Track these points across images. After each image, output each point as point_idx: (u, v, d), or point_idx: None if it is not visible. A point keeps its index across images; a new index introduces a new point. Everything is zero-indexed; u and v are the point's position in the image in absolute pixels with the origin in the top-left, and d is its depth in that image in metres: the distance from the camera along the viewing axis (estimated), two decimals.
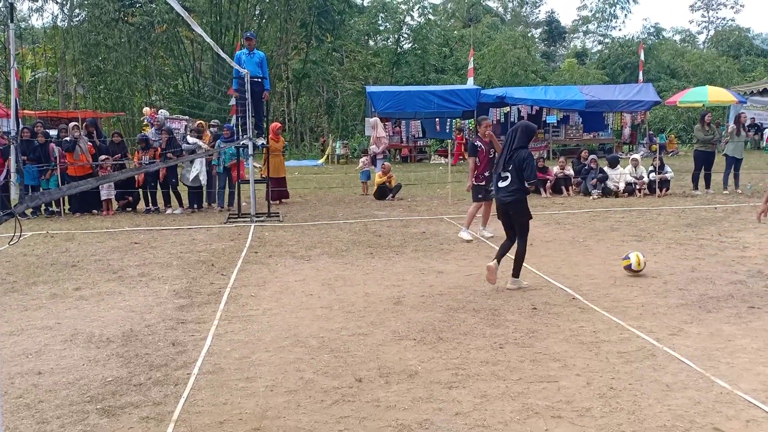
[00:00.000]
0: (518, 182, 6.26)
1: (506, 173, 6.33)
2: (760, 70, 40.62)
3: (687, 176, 14.53)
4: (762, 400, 3.68)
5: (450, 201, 13.01)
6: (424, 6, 38.42)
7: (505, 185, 6.35)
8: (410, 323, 5.29)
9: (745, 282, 6.29)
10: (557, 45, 55.53)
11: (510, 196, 6.34)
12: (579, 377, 4.13)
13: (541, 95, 24.53)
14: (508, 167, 6.29)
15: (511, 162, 6.26)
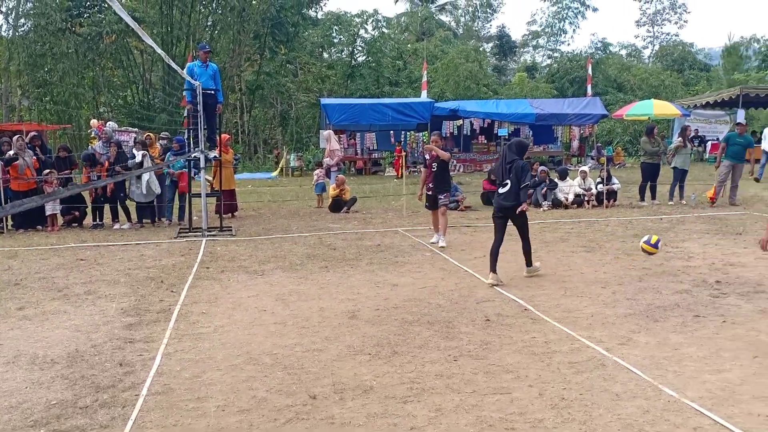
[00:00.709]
0: (518, 188, 7.04)
1: (506, 181, 7.15)
2: (703, 84, 42.15)
3: (634, 188, 14.94)
4: (708, 408, 3.79)
5: (405, 213, 13.06)
6: (378, 19, 38.70)
7: (506, 191, 7.17)
8: (365, 337, 5.27)
9: (691, 291, 6.49)
10: (508, 59, 56.52)
11: (510, 200, 7.11)
12: (531, 388, 4.18)
13: (492, 108, 24.94)
14: (508, 176, 7.12)
15: (511, 171, 7.10)
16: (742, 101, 26.08)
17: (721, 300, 6.14)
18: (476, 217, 12.42)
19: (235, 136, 32.96)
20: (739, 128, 13.99)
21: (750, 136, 14.15)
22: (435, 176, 9.40)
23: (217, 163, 12.23)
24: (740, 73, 41.85)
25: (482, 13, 59.49)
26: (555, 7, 53.27)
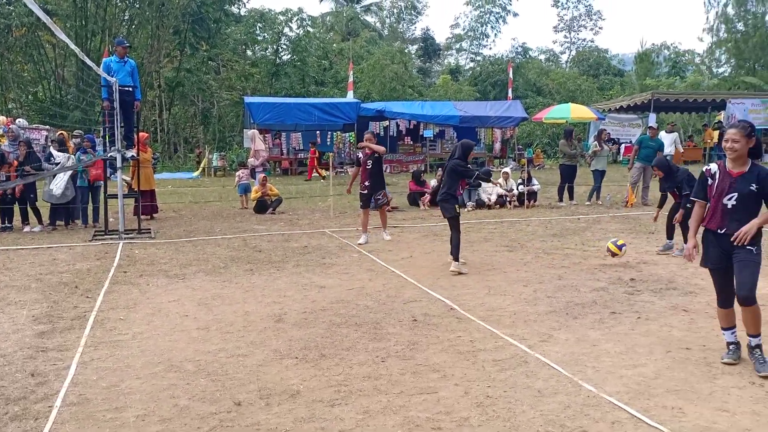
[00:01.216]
0: (447, 187, 7.75)
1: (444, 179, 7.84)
2: (617, 88, 44.07)
3: (553, 189, 15.45)
4: (625, 402, 3.94)
5: (332, 214, 13.00)
6: (303, 18, 38.33)
7: (444, 190, 7.80)
8: (292, 341, 5.19)
9: (607, 289, 6.75)
10: (432, 61, 57.34)
11: (443, 197, 7.75)
12: (457, 387, 4.23)
13: (418, 110, 25.21)
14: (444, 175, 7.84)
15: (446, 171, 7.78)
16: (654, 105, 27.46)
17: (636, 297, 6.41)
18: (403, 218, 12.51)
19: (154, 134, 31.90)
20: (651, 132, 14.67)
21: (660, 140, 14.89)
22: (371, 174, 9.59)
23: (135, 163, 11.80)
24: (651, 79, 44.01)
25: (407, 15, 60.11)
26: (477, 11, 54.53)
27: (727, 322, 4.64)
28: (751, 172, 4.41)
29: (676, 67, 49.46)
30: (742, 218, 4.38)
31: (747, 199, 4.39)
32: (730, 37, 43.67)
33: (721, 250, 4.49)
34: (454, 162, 7.75)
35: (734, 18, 43.41)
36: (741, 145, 4.39)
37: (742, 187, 4.39)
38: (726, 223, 4.44)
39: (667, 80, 43.21)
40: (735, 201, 4.41)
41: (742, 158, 4.45)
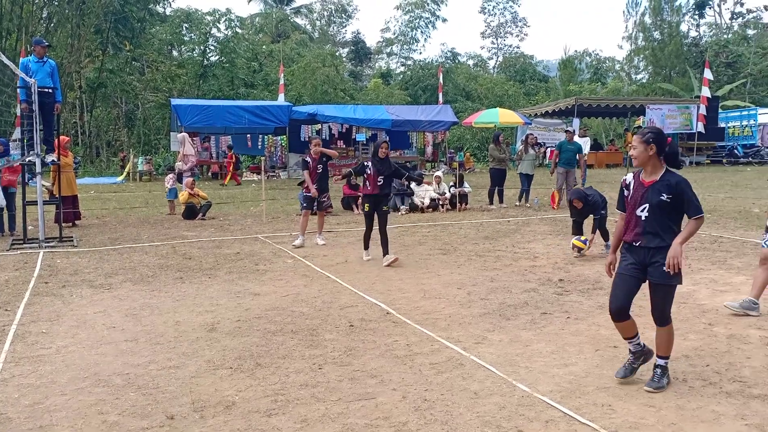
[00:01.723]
0: (388, 186, 8.63)
1: (381, 178, 8.48)
2: (542, 94, 45.46)
3: (483, 192, 15.75)
4: (558, 401, 4.04)
5: (265, 219, 12.81)
6: (231, 19, 37.67)
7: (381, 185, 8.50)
8: (226, 351, 5.08)
9: (538, 290, 6.93)
10: (363, 65, 57.55)
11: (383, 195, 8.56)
12: (395, 392, 4.24)
13: (350, 114, 25.24)
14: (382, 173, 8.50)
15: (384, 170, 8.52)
16: (577, 111, 28.46)
17: (565, 297, 6.61)
18: (337, 223, 12.47)
19: (75, 137, 30.63)
20: (567, 135, 15.13)
21: (578, 143, 15.45)
22: (320, 178, 9.81)
23: (56, 168, 11.29)
24: (575, 85, 45.65)
25: (337, 18, 60.13)
26: (407, 16, 55.08)
27: (628, 332, 4.35)
28: (663, 180, 4.15)
29: (598, 74, 51.54)
30: (657, 230, 4.14)
31: (658, 209, 4.12)
32: (648, 45, 45.89)
33: (635, 262, 4.23)
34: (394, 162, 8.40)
35: (651, 27, 45.65)
36: (638, 152, 4.17)
37: (652, 197, 4.13)
38: (640, 235, 4.19)
39: (590, 86, 44.92)
40: (647, 212, 4.16)
41: (649, 166, 4.20)
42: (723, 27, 49.86)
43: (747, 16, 49.16)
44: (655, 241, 4.14)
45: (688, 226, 4.11)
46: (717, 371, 4.48)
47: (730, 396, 4.06)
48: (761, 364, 4.59)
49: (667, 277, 4.11)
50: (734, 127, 30.92)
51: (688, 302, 6.30)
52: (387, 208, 8.71)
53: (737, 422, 3.69)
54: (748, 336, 5.21)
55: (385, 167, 8.56)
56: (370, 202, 8.59)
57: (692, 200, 4.08)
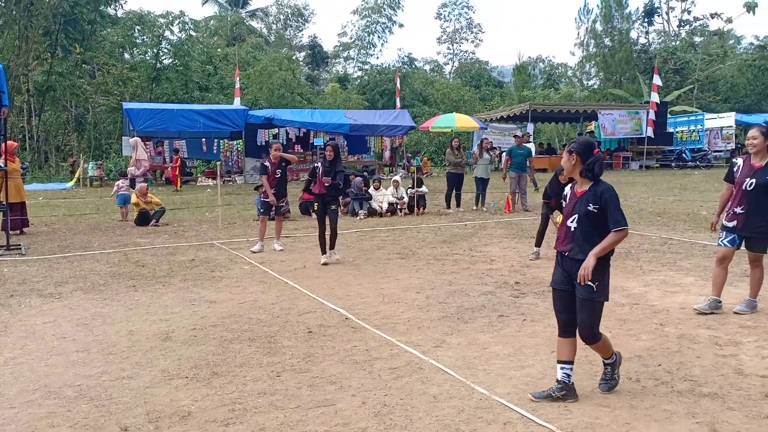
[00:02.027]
0: (335, 187, 8.80)
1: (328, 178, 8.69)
2: (497, 99, 46.09)
3: (441, 196, 15.87)
4: (515, 403, 4.09)
5: (220, 225, 12.63)
6: (185, 21, 37.08)
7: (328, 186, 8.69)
8: (181, 360, 4.98)
9: (495, 293, 7.00)
10: (320, 69, 57.40)
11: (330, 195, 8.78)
12: (354, 398, 4.22)
13: (308, 118, 25.13)
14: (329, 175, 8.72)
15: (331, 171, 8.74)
16: (531, 116, 28.97)
17: (521, 300, 6.70)
18: (295, 228, 12.38)
19: (23, 142, 29.65)
20: (517, 140, 15.36)
21: (528, 147, 15.74)
22: (278, 182, 9.84)
23: (3, 174, 10.90)
24: (529, 90, 46.45)
25: (294, 22, 59.86)
26: (364, 20, 55.18)
27: (562, 354, 4.20)
28: (590, 190, 4.06)
29: (551, 80, 52.57)
30: (583, 242, 4.05)
31: (586, 220, 4.04)
32: (599, 52, 46.97)
33: (564, 272, 4.17)
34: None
35: (602, 34, 46.75)
36: (564, 162, 4.15)
37: (580, 208, 4.07)
38: (569, 246, 4.13)
39: (543, 92, 45.77)
40: (576, 223, 4.09)
41: (576, 176, 4.16)
42: (671, 34, 51.44)
43: (694, 24, 50.84)
44: (581, 254, 4.03)
45: (607, 238, 3.98)
46: (668, 371, 4.59)
47: (682, 395, 4.17)
48: (710, 363, 4.73)
49: (589, 292, 4.00)
50: (682, 131, 31.87)
51: (639, 303, 6.45)
52: (335, 207, 9.03)
53: (688, 420, 3.79)
54: (697, 336, 5.37)
55: (332, 168, 8.78)
56: (319, 201, 8.90)
57: (615, 212, 3.95)
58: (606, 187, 4.03)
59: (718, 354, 4.90)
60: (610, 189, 4.03)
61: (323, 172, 8.78)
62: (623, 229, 3.96)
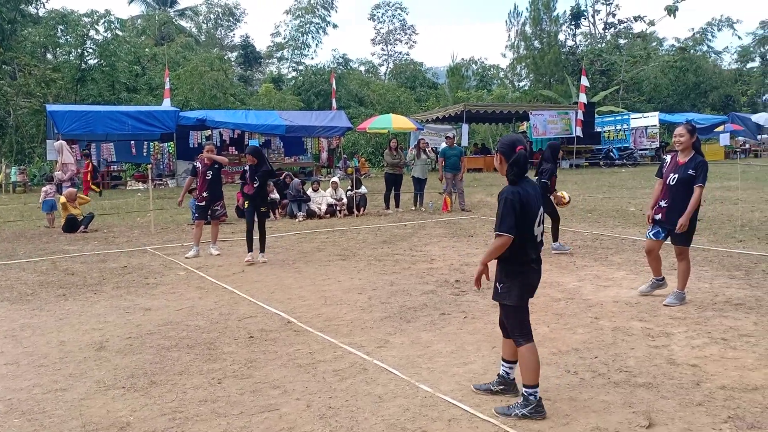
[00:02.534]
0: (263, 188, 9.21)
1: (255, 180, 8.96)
2: (432, 100, 46.59)
3: (379, 197, 15.92)
4: (459, 399, 4.14)
5: (153, 230, 12.27)
6: (111, 20, 35.82)
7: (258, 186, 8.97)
8: (117, 370, 4.81)
9: (436, 291, 7.07)
10: (254, 69, 56.62)
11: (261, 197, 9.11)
12: (299, 401, 4.18)
13: (242, 119, 24.72)
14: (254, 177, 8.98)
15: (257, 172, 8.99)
16: (466, 117, 29.43)
17: (462, 297, 6.79)
18: (232, 231, 12.16)
19: None
20: (447, 141, 15.55)
21: (459, 147, 15.99)
22: (210, 185, 9.67)
23: None
24: (463, 91, 47.16)
25: (225, 21, 58.84)
26: (298, 20, 54.75)
27: (503, 352, 4.26)
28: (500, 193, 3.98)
29: (484, 81, 53.56)
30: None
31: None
32: (529, 54, 48.22)
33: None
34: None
35: (532, 36, 48.00)
36: (496, 162, 4.13)
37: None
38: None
39: (477, 93, 46.59)
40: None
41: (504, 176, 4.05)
42: (597, 37, 53.36)
43: (618, 27, 52.90)
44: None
45: (492, 243, 3.95)
46: (605, 362, 4.75)
47: (618, 386, 4.31)
48: (644, 354, 4.92)
49: (496, 293, 4.03)
50: (609, 131, 33.06)
51: (575, 298, 6.65)
52: (265, 210, 9.41)
53: (625, 410, 3.93)
54: (631, 328, 5.57)
55: (258, 170, 9.02)
56: (250, 200, 9.07)
57: (499, 215, 3.88)
58: (504, 191, 3.91)
59: (651, 345, 5.10)
60: (504, 192, 3.90)
61: (251, 174, 9.02)
62: (499, 234, 3.83)
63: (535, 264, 3.98)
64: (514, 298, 3.95)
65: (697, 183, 6.09)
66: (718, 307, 6.09)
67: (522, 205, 3.85)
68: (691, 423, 3.71)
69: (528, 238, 3.91)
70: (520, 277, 3.94)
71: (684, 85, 49.36)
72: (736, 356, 4.78)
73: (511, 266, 3.94)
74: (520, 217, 3.85)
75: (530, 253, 3.92)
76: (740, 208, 12.84)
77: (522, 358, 3.95)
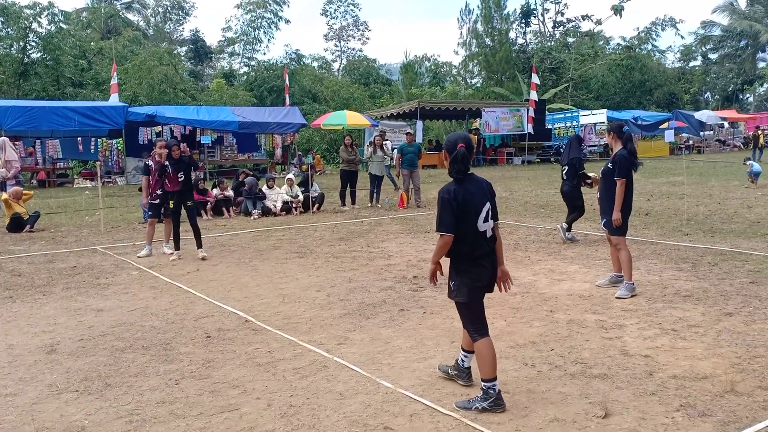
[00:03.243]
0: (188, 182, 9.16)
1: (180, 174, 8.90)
2: (387, 97, 46.63)
3: (335, 194, 15.87)
4: (420, 394, 4.17)
5: (103, 229, 11.95)
6: (55, 13, 34.67)
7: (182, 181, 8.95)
8: (70, 373, 4.68)
9: (394, 287, 7.09)
10: (204, 64, 55.66)
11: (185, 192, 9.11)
12: (259, 401, 4.14)
13: (193, 115, 24.24)
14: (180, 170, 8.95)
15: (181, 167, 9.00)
16: (420, 113, 29.55)
17: (420, 293, 6.83)
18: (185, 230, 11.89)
19: None
20: (407, 137, 15.68)
21: (418, 144, 16.06)
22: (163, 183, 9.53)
23: None
24: (416, 88, 47.36)
25: (174, 15, 57.64)
26: (249, 15, 54.06)
27: (462, 341, 4.38)
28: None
29: (437, 78, 53.90)
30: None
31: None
32: (481, 51, 48.74)
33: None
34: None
35: (483, 34, 48.52)
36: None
37: None
38: None
39: (430, 90, 46.87)
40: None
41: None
42: (547, 35, 54.30)
43: (567, 25, 53.94)
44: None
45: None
46: (561, 355, 4.85)
47: (574, 377, 4.41)
48: (598, 345, 5.04)
49: (449, 292, 4.10)
50: (560, 128, 33.72)
51: (530, 291, 6.77)
52: (192, 203, 9.31)
53: (582, 401, 4.02)
54: (585, 320, 5.71)
55: (181, 165, 9.03)
56: (174, 198, 9.07)
57: (437, 216, 3.93)
58: (441, 190, 3.96)
59: (605, 337, 5.24)
60: (441, 192, 3.94)
61: (174, 170, 8.96)
62: (439, 234, 3.90)
63: (483, 260, 3.97)
64: (463, 295, 3.99)
65: (616, 176, 6.52)
66: (667, 299, 6.29)
67: (459, 203, 3.85)
68: (645, 412, 3.83)
69: (471, 236, 3.91)
70: (468, 274, 3.96)
71: (630, 83, 50.72)
72: (685, 346, 4.95)
73: (459, 264, 3.98)
74: (459, 215, 3.85)
75: (475, 251, 3.93)
76: (686, 203, 13.27)
77: (478, 353, 3.98)
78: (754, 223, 10.84)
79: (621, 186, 6.46)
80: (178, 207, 9.13)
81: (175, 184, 9.00)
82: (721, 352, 4.80)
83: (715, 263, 7.84)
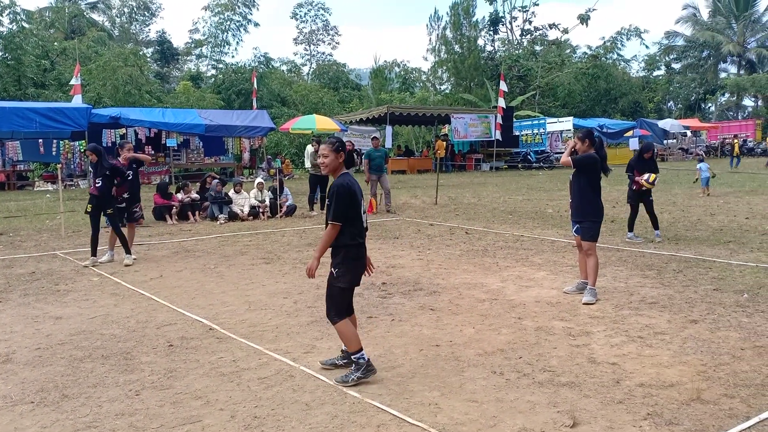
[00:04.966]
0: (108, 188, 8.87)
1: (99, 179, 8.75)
2: (356, 101, 46.58)
3: (304, 198, 15.73)
4: (387, 404, 4.10)
5: (63, 234, 11.64)
6: (16, 12, 33.91)
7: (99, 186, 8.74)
8: (25, 383, 4.50)
9: (362, 294, 7.01)
10: (171, 66, 54.86)
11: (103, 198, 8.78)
12: (223, 412, 4.04)
13: (159, 117, 23.83)
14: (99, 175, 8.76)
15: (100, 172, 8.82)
16: (390, 118, 29.57)
17: (389, 300, 6.77)
18: (149, 235, 11.69)
19: None
20: (374, 142, 15.63)
21: (384, 148, 16.05)
22: (131, 186, 9.53)
23: None
24: (386, 93, 47.40)
25: (140, 16, 56.74)
26: (217, 17, 53.51)
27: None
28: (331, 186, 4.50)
29: (407, 83, 54.03)
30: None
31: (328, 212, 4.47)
32: (450, 58, 49.03)
33: None
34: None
35: (452, 41, 48.83)
36: (330, 160, 4.49)
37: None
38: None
39: (400, 95, 46.91)
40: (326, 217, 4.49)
41: (336, 172, 4.54)
42: (514, 43, 54.78)
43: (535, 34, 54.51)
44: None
45: (324, 233, 4.49)
46: (529, 362, 4.83)
47: (542, 385, 4.39)
48: (566, 353, 5.04)
49: (331, 278, 4.58)
50: (527, 135, 34.00)
51: (498, 298, 6.76)
52: (111, 211, 8.99)
53: (550, 410, 4.00)
54: (553, 327, 5.71)
55: (100, 170, 8.83)
56: (93, 203, 8.88)
57: (332, 206, 4.38)
58: (336, 182, 4.43)
59: (573, 344, 5.24)
60: (337, 184, 4.41)
61: (93, 174, 8.93)
62: (333, 224, 4.39)
63: (363, 248, 4.55)
64: (346, 281, 4.49)
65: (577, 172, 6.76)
66: (633, 306, 6.34)
67: (350, 195, 4.39)
68: (612, 421, 3.83)
69: (358, 225, 4.46)
70: (354, 261, 4.49)
71: (596, 92, 51.52)
72: (652, 354, 4.97)
73: (347, 252, 4.45)
74: (350, 207, 4.38)
75: (358, 239, 4.47)
76: None
77: (341, 334, 4.53)
78: (716, 231, 11.05)
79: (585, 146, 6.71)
80: (95, 211, 8.89)
81: (94, 188, 8.90)
82: (687, 359, 4.83)
83: (679, 270, 7.95)
